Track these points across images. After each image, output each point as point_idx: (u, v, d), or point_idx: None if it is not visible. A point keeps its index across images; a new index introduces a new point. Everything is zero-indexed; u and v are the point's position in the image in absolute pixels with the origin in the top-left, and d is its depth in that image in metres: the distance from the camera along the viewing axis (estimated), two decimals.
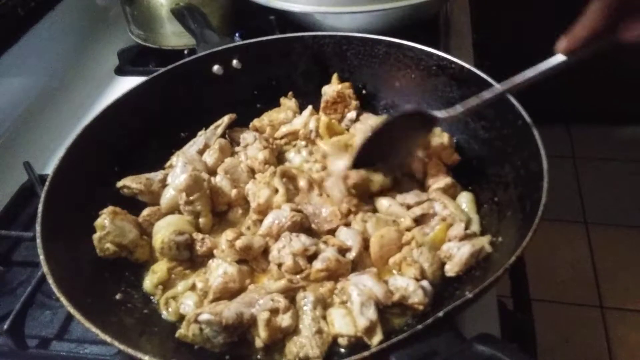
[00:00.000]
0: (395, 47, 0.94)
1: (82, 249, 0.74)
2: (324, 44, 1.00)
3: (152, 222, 0.80)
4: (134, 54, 1.37)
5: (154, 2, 1.28)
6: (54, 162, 0.78)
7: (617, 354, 1.96)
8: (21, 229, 0.92)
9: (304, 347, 0.64)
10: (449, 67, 0.89)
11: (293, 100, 1.01)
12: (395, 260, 0.73)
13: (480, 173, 0.85)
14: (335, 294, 0.70)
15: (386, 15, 1.13)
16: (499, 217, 0.77)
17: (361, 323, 0.64)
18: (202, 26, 1.09)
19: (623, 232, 2.34)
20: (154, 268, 0.77)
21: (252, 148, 0.91)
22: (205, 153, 0.91)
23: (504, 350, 0.51)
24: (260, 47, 1.01)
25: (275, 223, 0.78)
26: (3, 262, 0.89)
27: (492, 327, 0.78)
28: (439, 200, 0.79)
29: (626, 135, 2.75)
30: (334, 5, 1.12)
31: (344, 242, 0.75)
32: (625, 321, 2.05)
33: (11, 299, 0.82)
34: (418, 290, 0.66)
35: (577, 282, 2.19)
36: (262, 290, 0.70)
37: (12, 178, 1.01)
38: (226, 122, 0.96)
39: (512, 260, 0.59)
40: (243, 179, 0.88)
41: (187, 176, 0.81)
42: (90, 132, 0.84)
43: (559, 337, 1.97)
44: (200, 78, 0.98)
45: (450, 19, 1.41)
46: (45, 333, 0.78)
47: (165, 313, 0.73)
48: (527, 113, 0.75)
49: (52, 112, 1.23)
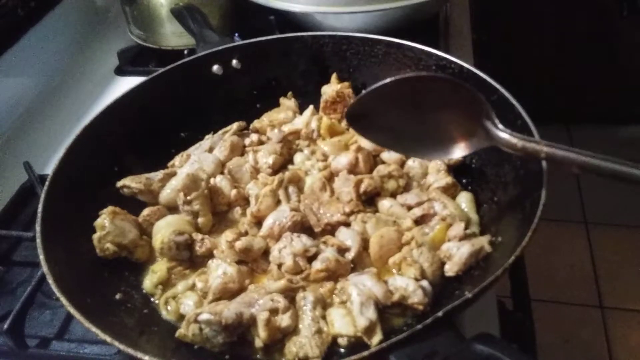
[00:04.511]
0: (395, 47, 0.94)
1: (82, 249, 0.74)
2: (324, 44, 1.00)
3: (152, 222, 0.80)
4: (134, 54, 1.37)
5: (154, 2, 1.28)
6: (54, 162, 0.78)
7: (617, 354, 1.96)
8: (21, 229, 0.92)
9: (304, 347, 0.64)
10: (448, 67, 0.89)
11: (293, 100, 1.01)
12: (395, 260, 0.73)
13: (480, 173, 0.85)
14: (335, 294, 0.70)
15: (386, 15, 1.13)
16: (498, 217, 0.77)
17: (361, 323, 0.64)
18: (201, 26, 1.09)
19: (623, 232, 2.34)
20: (154, 268, 0.77)
21: (263, 150, 0.91)
22: (216, 149, 0.92)
23: (504, 350, 0.51)
24: (260, 47, 1.01)
25: (277, 224, 0.78)
26: (3, 262, 0.89)
27: (491, 327, 0.78)
28: (438, 200, 0.79)
29: (626, 135, 2.75)
30: (334, 5, 1.13)
31: (343, 242, 0.75)
32: (625, 321, 2.05)
33: (11, 299, 0.82)
34: (418, 290, 0.66)
35: (577, 282, 2.19)
36: (262, 290, 0.70)
37: (12, 178, 1.01)
38: (235, 128, 0.96)
39: (512, 260, 0.59)
40: (245, 179, 0.88)
41: (184, 176, 0.81)
42: (90, 132, 0.84)
43: (559, 337, 1.98)
44: (200, 78, 0.98)
45: (450, 19, 1.41)
46: (45, 333, 0.78)
47: (165, 313, 0.73)
48: (527, 113, 0.75)
49: (52, 112, 1.23)
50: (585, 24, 2.43)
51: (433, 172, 0.85)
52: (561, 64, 2.52)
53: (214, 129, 0.97)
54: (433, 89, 0.64)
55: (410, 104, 0.65)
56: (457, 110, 0.65)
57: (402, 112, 0.66)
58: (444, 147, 0.69)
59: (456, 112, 0.66)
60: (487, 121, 0.64)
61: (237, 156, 0.92)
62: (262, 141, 0.94)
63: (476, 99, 0.64)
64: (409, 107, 0.66)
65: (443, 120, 0.67)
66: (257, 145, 0.93)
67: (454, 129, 0.68)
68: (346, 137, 0.92)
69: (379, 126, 0.69)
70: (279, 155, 0.90)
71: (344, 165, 0.85)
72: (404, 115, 0.67)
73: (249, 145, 0.94)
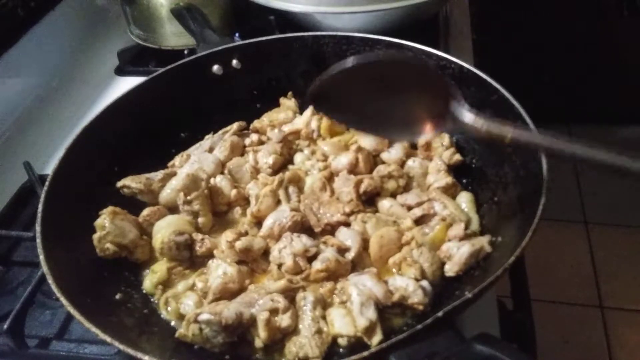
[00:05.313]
0: (395, 47, 0.94)
1: (82, 249, 0.74)
2: (324, 44, 1.00)
3: (152, 222, 0.80)
4: (134, 54, 1.37)
5: (154, 2, 1.28)
6: (54, 162, 0.78)
7: (617, 354, 1.96)
8: (21, 229, 0.92)
9: (304, 347, 0.64)
10: (448, 67, 0.89)
11: (293, 100, 1.01)
12: (395, 261, 0.73)
13: (480, 173, 0.85)
14: (335, 294, 0.70)
15: (386, 15, 1.13)
16: (498, 217, 0.77)
17: (361, 323, 0.64)
18: (202, 26, 1.09)
19: (623, 232, 2.34)
20: (154, 268, 0.77)
21: (263, 150, 0.91)
22: (216, 149, 0.92)
23: (504, 350, 0.51)
24: (260, 47, 1.01)
25: (277, 224, 0.78)
26: (3, 262, 0.89)
27: (491, 327, 0.78)
28: (438, 200, 0.79)
29: (626, 135, 2.75)
30: (334, 5, 1.13)
31: (343, 242, 0.75)
32: (625, 321, 2.05)
33: (11, 299, 0.82)
34: (418, 290, 0.66)
35: (577, 282, 2.19)
36: (262, 291, 0.70)
37: (12, 178, 1.01)
38: (235, 128, 0.96)
39: (512, 260, 0.59)
40: (245, 179, 0.88)
41: (184, 176, 0.81)
42: (90, 132, 0.84)
43: (559, 337, 1.97)
44: (200, 78, 0.98)
45: (450, 19, 1.41)
46: (45, 333, 0.78)
47: (165, 313, 0.73)
48: (527, 113, 0.75)
49: (52, 112, 1.22)
50: (585, 24, 2.43)
51: (433, 172, 0.85)
52: (561, 63, 2.52)
53: (214, 129, 0.97)
54: (400, 70, 0.63)
55: (377, 84, 0.64)
56: (424, 92, 0.64)
57: (368, 93, 0.65)
58: (412, 128, 0.68)
59: (423, 94, 0.64)
60: (455, 103, 0.63)
61: (237, 156, 0.92)
62: (262, 141, 0.94)
63: (443, 82, 0.63)
64: (375, 88, 0.64)
65: (410, 101, 0.65)
66: (257, 145, 0.93)
67: (421, 111, 0.66)
68: (346, 137, 0.92)
69: (345, 106, 0.67)
70: (279, 155, 0.90)
71: (344, 165, 0.85)
72: (370, 96, 0.65)
73: (249, 145, 0.94)
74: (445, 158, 0.86)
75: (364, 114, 0.67)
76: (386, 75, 0.63)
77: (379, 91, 0.65)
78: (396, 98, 0.65)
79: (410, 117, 0.67)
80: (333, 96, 0.65)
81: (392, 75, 0.63)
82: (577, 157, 0.57)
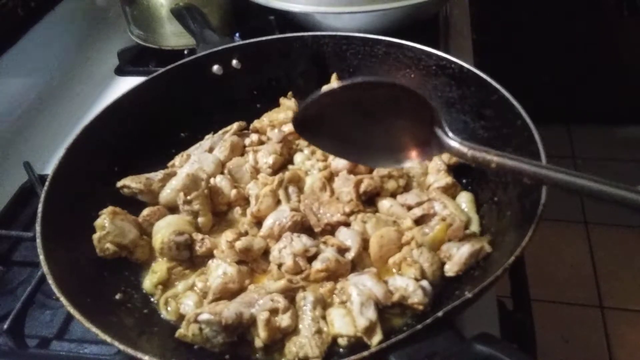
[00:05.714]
0: (395, 47, 0.94)
1: (82, 249, 0.74)
2: (324, 44, 1.00)
3: (152, 222, 0.80)
4: (134, 54, 1.37)
5: (154, 2, 1.28)
6: (54, 162, 0.78)
7: (617, 354, 1.96)
8: (21, 229, 0.92)
9: (304, 347, 0.64)
10: (448, 67, 0.89)
11: (293, 100, 1.01)
12: (395, 261, 0.73)
13: (480, 173, 0.85)
14: (335, 294, 0.70)
15: (386, 15, 1.13)
16: (498, 217, 0.77)
17: (361, 323, 0.64)
18: (202, 26, 1.09)
19: (623, 232, 2.34)
20: (154, 268, 0.77)
21: (263, 150, 0.91)
22: (216, 149, 0.92)
23: (504, 350, 0.51)
24: (260, 47, 1.01)
25: (277, 224, 0.78)
26: (3, 262, 0.89)
27: (491, 327, 0.78)
28: (438, 200, 0.79)
29: (626, 135, 2.75)
30: (334, 5, 1.13)
31: (343, 242, 0.75)
32: (625, 321, 2.05)
33: (11, 299, 0.82)
34: (418, 291, 0.66)
35: (577, 282, 2.19)
36: (262, 290, 0.70)
37: (12, 178, 1.01)
38: (235, 128, 0.96)
39: (512, 260, 0.59)
40: (245, 179, 0.88)
41: (184, 176, 0.81)
42: (90, 132, 0.84)
43: (559, 337, 1.97)
44: (200, 78, 0.98)
45: (450, 19, 1.41)
46: (45, 333, 0.78)
47: (165, 313, 0.73)
48: (527, 113, 0.75)
49: (52, 112, 1.22)
50: (585, 24, 2.43)
51: (433, 172, 0.85)
52: (561, 63, 2.52)
53: (214, 129, 0.97)
54: (382, 94, 0.62)
55: (360, 110, 0.63)
56: (408, 118, 0.63)
57: (352, 119, 0.64)
58: (396, 156, 0.67)
59: (408, 120, 0.63)
60: (438, 129, 0.63)
61: (237, 156, 0.92)
62: (262, 141, 0.94)
63: (426, 106, 0.62)
64: (359, 114, 0.63)
65: (394, 127, 0.64)
66: (257, 145, 0.93)
67: (406, 137, 0.65)
68: None
69: (329, 133, 0.65)
70: (279, 155, 0.90)
71: (344, 165, 0.85)
72: (353, 122, 0.64)
73: (249, 145, 0.94)
74: (445, 158, 0.86)
75: (350, 141, 0.66)
76: (369, 100, 0.62)
77: (364, 117, 0.64)
78: (381, 124, 0.64)
79: (396, 144, 0.66)
80: (317, 124, 0.64)
81: (376, 100, 0.62)
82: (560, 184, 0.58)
